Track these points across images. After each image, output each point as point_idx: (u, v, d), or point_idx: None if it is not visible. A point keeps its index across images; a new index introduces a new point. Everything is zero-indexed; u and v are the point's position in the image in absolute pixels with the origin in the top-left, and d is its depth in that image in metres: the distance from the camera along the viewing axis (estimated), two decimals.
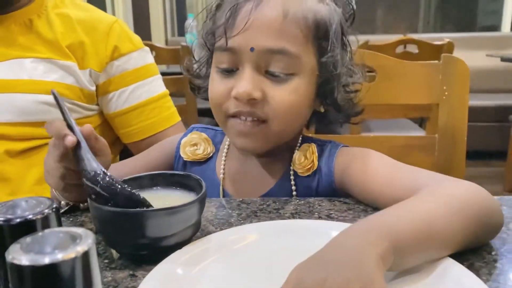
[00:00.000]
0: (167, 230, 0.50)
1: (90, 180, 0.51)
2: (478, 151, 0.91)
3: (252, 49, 0.61)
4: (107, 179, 0.51)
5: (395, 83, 1.05)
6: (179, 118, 1.09)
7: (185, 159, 0.77)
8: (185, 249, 0.50)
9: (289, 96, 0.63)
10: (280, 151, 0.71)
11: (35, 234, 0.31)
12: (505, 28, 4.13)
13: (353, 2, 0.71)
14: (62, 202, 0.65)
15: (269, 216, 0.62)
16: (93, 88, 1.00)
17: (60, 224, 0.39)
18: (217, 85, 0.66)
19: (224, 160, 0.75)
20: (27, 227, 0.36)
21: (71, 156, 0.55)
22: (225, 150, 0.76)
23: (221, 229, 0.57)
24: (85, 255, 0.30)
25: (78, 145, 0.54)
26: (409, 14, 4.59)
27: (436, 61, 1.06)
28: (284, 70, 0.63)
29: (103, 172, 0.52)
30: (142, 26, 3.53)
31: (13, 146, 0.91)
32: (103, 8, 2.54)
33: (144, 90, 1.04)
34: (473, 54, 0.93)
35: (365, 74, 0.72)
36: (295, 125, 0.69)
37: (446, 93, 1.03)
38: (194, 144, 0.77)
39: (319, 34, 0.64)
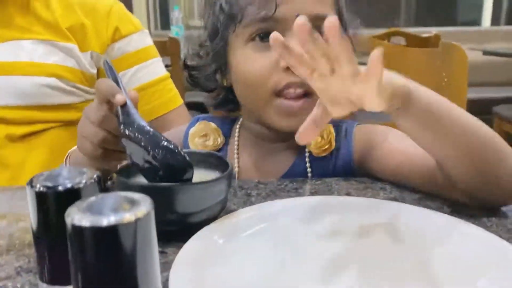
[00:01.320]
0: (197, 206, 0.49)
1: (133, 131, 0.50)
2: None
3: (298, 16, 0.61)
4: (152, 131, 0.51)
5: (394, 69, 1.06)
6: (181, 101, 1.07)
7: None
8: (215, 223, 0.49)
9: None
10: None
11: (92, 198, 0.31)
12: (485, 22, 4.21)
13: None
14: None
15: (289, 195, 0.62)
16: (94, 71, 0.98)
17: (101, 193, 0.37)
18: (257, 60, 0.64)
19: (237, 150, 0.74)
20: (71, 195, 0.35)
21: (113, 119, 0.54)
22: (235, 139, 0.75)
23: (243, 207, 0.57)
24: (147, 217, 0.29)
25: (123, 105, 0.53)
26: (391, 9, 4.64)
27: (435, 48, 1.08)
28: None
29: (148, 126, 0.51)
30: None
31: (14, 131, 0.89)
32: None
33: (145, 73, 1.02)
34: None
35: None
36: None
37: (446, 79, 1.05)
38: (203, 135, 0.75)
39: (339, 8, 0.68)
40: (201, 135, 0.75)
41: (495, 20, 4.19)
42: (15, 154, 0.89)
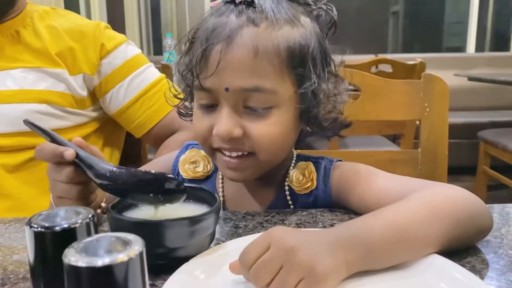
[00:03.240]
0: (186, 240, 0.51)
1: (108, 179, 0.54)
2: (448, 167, 0.97)
3: (227, 89, 0.62)
4: (125, 172, 0.54)
5: (379, 100, 1.10)
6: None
7: (184, 177, 0.76)
8: (196, 258, 0.51)
9: (270, 130, 0.63)
10: (274, 172, 0.72)
11: (88, 239, 0.33)
12: (470, 49, 4.33)
13: (334, 10, 0.69)
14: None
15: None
16: (84, 93, 1.01)
17: (96, 232, 0.40)
18: (199, 121, 0.66)
19: (222, 180, 0.76)
20: (68, 235, 0.37)
21: (76, 171, 0.57)
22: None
23: (231, 239, 0.59)
24: (139, 257, 0.32)
25: (77, 156, 0.56)
26: (379, 36, 4.75)
27: (417, 80, 1.12)
28: (262, 105, 0.63)
29: (117, 168, 0.55)
30: None
31: (8, 160, 0.91)
32: None
33: (140, 80, 1.05)
34: (442, 74, 0.99)
35: (348, 91, 0.72)
36: (282, 153, 0.69)
37: (428, 109, 1.08)
38: (193, 162, 0.77)
39: (294, 62, 0.63)
40: (191, 162, 0.77)
41: (479, 47, 4.31)
42: (13, 184, 0.91)
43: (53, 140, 0.59)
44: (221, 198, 0.75)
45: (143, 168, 0.85)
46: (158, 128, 1.06)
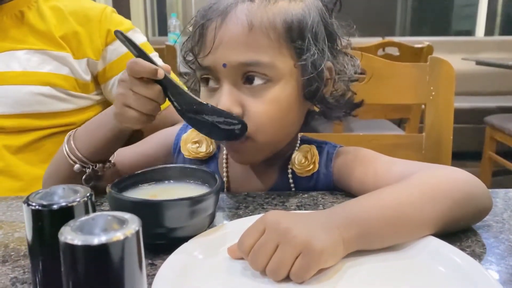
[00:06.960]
0: (185, 221, 0.51)
1: (193, 111, 0.60)
2: (453, 152, 0.96)
3: (224, 65, 0.61)
4: (210, 108, 0.60)
5: (385, 83, 1.08)
6: (185, 89, 1.08)
7: (186, 156, 0.76)
8: (195, 239, 0.51)
9: (269, 107, 0.62)
10: (279, 154, 0.72)
11: (84, 217, 0.33)
12: (479, 32, 4.26)
13: None
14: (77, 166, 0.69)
15: (276, 208, 0.65)
16: (88, 77, 1.01)
17: (94, 211, 0.40)
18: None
19: (226, 161, 0.76)
20: (65, 213, 0.37)
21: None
22: (224, 151, 0.76)
23: (231, 220, 0.59)
24: (135, 236, 0.32)
25: (165, 79, 0.59)
26: (387, 18, 4.68)
27: (424, 63, 1.10)
28: (260, 80, 0.62)
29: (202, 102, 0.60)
30: None
31: (11, 142, 0.91)
32: None
33: None
34: (450, 58, 0.97)
35: (358, 69, 0.72)
36: (283, 133, 0.68)
37: (433, 93, 1.07)
38: (196, 141, 0.76)
39: (293, 36, 0.63)
40: (193, 141, 0.76)
41: (489, 31, 4.24)
42: (19, 165, 0.92)
43: (140, 55, 0.59)
44: (225, 179, 0.75)
45: (141, 142, 0.84)
46: (158, 118, 1.04)
